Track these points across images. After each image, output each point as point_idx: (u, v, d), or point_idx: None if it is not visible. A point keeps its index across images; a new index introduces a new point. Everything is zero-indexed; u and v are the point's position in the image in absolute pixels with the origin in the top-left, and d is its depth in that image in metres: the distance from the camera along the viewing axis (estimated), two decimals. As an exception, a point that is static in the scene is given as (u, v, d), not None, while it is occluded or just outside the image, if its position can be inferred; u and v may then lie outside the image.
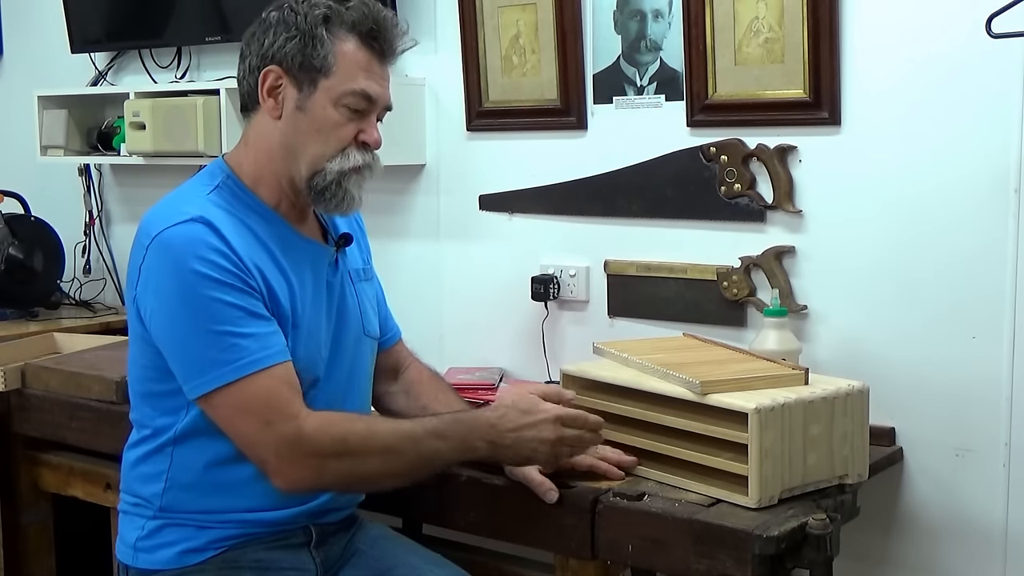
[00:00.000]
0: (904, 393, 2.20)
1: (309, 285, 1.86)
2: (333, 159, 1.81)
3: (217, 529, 1.82)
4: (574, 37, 2.54)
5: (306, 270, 1.86)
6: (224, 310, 1.71)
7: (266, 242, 1.81)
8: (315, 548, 1.89)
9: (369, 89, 1.80)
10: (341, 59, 1.79)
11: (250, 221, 1.81)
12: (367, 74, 1.80)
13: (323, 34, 1.78)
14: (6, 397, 2.68)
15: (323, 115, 1.80)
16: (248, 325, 1.72)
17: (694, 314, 2.44)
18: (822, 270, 2.29)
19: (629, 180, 2.52)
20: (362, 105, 1.81)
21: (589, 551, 1.87)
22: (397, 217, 2.90)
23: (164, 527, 1.84)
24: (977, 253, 2.12)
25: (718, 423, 1.84)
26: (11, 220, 3.34)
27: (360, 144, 1.82)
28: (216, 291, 1.71)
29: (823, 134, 2.26)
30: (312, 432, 1.72)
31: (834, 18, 2.21)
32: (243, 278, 1.74)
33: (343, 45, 1.79)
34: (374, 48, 1.81)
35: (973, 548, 2.17)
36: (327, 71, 1.78)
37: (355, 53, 1.80)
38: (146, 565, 1.85)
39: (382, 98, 1.83)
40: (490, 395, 2.48)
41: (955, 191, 2.13)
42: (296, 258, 1.85)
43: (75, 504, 2.74)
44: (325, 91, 1.79)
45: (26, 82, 3.61)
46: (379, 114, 1.85)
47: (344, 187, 1.82)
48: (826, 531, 1.73)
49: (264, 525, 1.84)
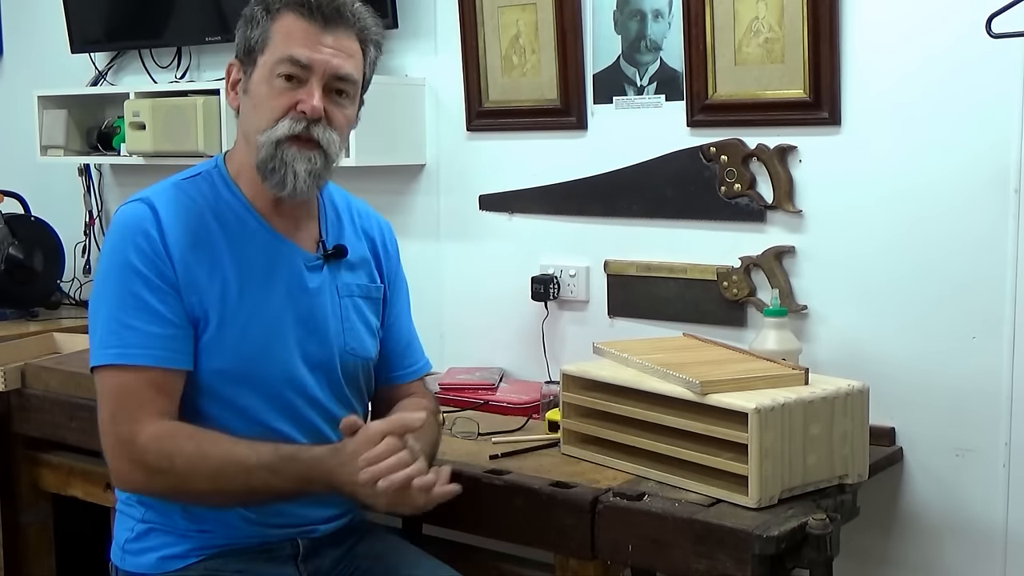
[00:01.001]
0: (904, 393, 2.20)
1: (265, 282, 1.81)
2: (265, 131, 1.76)
3: (198, 537, 1.81)
4: (574, 37, 2.54)
5: (268, 268, 1.81)
6: (125, 296, 1.73)
7: (218, 236, 1.79)
8: (303, 562, 1.86)
9: (298, 54, 1.74)
10: (275, 34, 1.77)
11: (215, 213, 1.80)
12: (300, 41, 1.75)
13: (259, 14, 1.78)
14: (6, 397, 2.68)
15: (259, 91, 1.78)
16: (141, 319, 1.72)
17: (694, 314, 2.44)
18: (822, 270, 2.29)
19: (629, 180, 2.52)
20: (294, 70, 1.74)
21: (589, 551, 1.87)
22: (397, 217, 2.90)
23: (150, 531, 1.83)
24: (977, 253, 2.12)
25: (718, 423, 1.84)
26: (11, 220, 3.34)
27: (298, 113, 1.75)
28: (125, 276, 1.73)
29: (823, 134, 2.26)
30: (144, 442, 1.70)
31: (834, 18, 2.21)
32: (159, 268, 1.74)
33: (279, 21, 1.77)
34: (310, 16, 1.76)
35: (973, 548, 2.17)
36: (263, 48, 1.77)
37: (289, 24, 1.76)
38: (131, 568, 1.84)
39: (319, 63, 1.75)
40: (490, 395, 2.48)
41: (955, 191, 2.13)
42: (256, 255, 1.81)
43: (75, 504, 2.74)
44: (261, 67, 1.77)
45: (26, 82, 3.61)
46: (331, 84, 1.77)
47: (281, 159, 1.75)
48: (826, 531, 1.73)
49: (247, 536, 1.82)
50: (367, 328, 1.94)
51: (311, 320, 1.85)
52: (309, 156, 1.76)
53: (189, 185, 1.82)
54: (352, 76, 1.79)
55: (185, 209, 1.79)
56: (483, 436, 2.23)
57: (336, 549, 1.91)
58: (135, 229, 1.75)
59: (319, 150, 1.77)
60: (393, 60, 2.85)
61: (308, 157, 1.76)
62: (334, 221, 1.94)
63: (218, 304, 1.77)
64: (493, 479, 1.97)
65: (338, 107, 1.79)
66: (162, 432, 1.71)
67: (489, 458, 2.08)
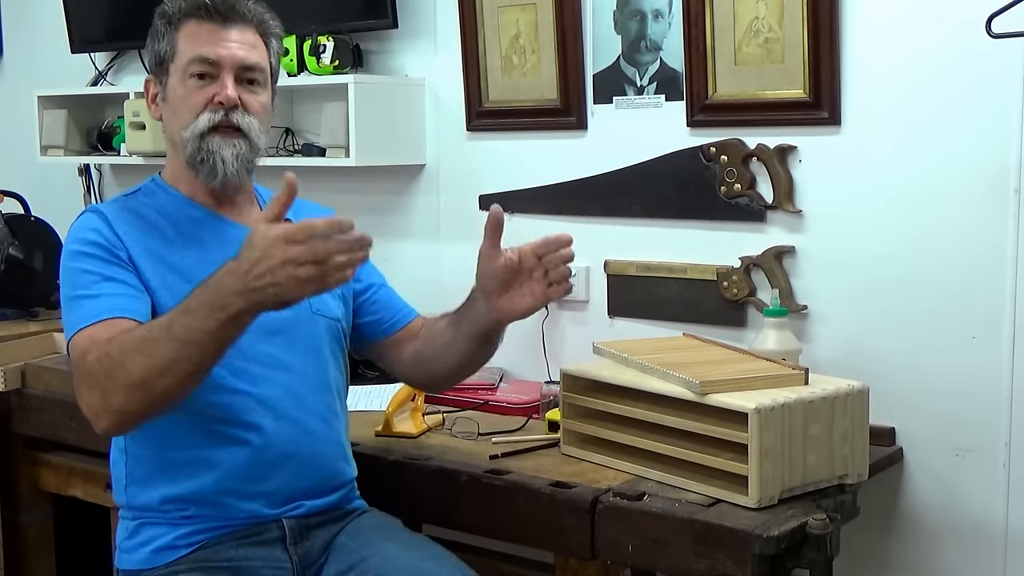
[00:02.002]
0: (904, 393, 2.20)
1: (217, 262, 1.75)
2: (187, 127, 1.86)
3: (185, 525, 1.83)
4: (574, 37, 2.54)
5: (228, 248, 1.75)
6: (81, 277, 1.80)
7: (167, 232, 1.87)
8: (292, 544, 1.87)
9: (205, 52, 1.85)
10: (180, 40, 1.88)
11: (161, 215, 1.89)
12: (205, 41, 1.86)
13: (163, 27, 1.90)
14: (6, 397, 2.68)
15: (175, 94, 1.88)
16: (96, 288, 1.77)
17: (694, 314, 2.44)
18: (822, 270, 2.29)
19: (629, 180, 2.52)
20: (205, 68, 1.85)
21: (589, 551, 1.87)
22: (397, 217, 2.90)
23: (140, 526, 1.86)
24: (977, 253, 2.12)
25: (718, 423, 1.84)
26: (11, 220, 3.33)
27: (215, 105, 1.85)
28: (80, 262, 1.81)
29: (823, 134, 2.26)
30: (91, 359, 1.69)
31: (834, 18, 2.21)
32: (111, 250, 1.81)
33: (182, 29, 1.88)
34: (209, 17, 1.87)
35: (973, 548, 2.17)
36: (172, 56, 1.88)
37: (192, 29, 1.87)
38: (127, 566, 1.87)
39: (226, 58, 1.86)
40: (490, 395, 2.48)
41: (955, 191, 2.13)
42: (210, 240, 1.88)
43: (75, 504, 2.74)
44: (173, 75, 1.89)
45: (26, 82, 3.61)
46: (241, 75, 1.87)
47: (208, 149, 1.85)
48: (826, 531, 1.73)
49: (232, 519, 1.83)
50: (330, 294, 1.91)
51: None
52: (233, 142, 1.86)
53: (131, 199, 1.94)
54: (259, 64, 1.90)
55: (132, 214, 1.89)
56: (483, 436, 2.22)
57: (325, 531, 1.91)
58: (85, 228, 1.85)
59: (241, 135, 1.87)
60: (393, 60, 2.85)
61: (232, 143, 1.86)
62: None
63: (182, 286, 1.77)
64: (493, 479, 1.97)
65: (251, 94, 1.89)
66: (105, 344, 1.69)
67: (489, 458, 2.08)
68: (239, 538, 1.84)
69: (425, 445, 2.18)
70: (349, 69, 2.78)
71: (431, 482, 2.06)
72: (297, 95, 3.00)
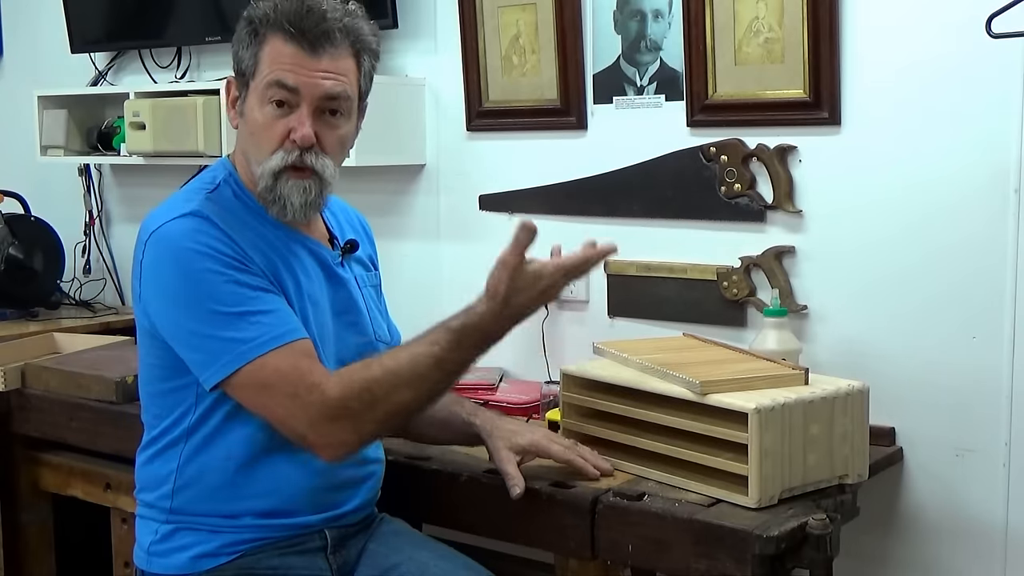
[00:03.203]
0: (904, 393, 2.20)
1: (315, 286, 1.85)
2: (263, 162, 1.78)
3: (230, 533, 1.80)
4: (574, 37, 2.54)
5: (311, 271, 1.86)
6: (231, 290, 1.71)
7: (266, 240, 1.81)
8: (332, 554, 1.86)
9: (284, 78, 1.74)
10: (264, 58, 1.77)
11: (249, 219, 1.81)
12: (287, 65, 1.75)
13: (248, 37, 1.79)
14: (6, 397, 2.68)
15: (253, 117, 1.79)
16: (259, 303, 1.72)
17: (694, 314, 2.44)
18: (822, 270, 2.29)
19: (629, 180, 2.52)
20: (283, 96, 1.75)
21: (589, 551, 1.87)
22: (397, 217, 2.90)
23: (177, 531, 1.82)
24: (977, 253, 2.12)
25: (718, 423, 1.84)
26: (11, 220, 3.34)
27: (291, 143, 1.77)
28: (219, 273, 1.71)
29: (823, 134, 2.26)
30: (337, 395, 1.69)
31: (834, 18, 2.21)
32: (243, 261, 1.74)
33: (267, 44, 1.77)
34: (295, 38, 1.75)
35: (973, 548, 2.17)
36: (254, 72, 1.78)
37: (277, 48, 1.76)
38: (160, 570, 1.83)
39: (308, 87, 1.75)
40: (490, 395, 2.48)
41: (955, 191, 2.13)
42: (299, 258, 1.84)
43: (75, 504, 2.74)
44: (253, 92, 1.79)
45: (26, 82, 3.61)
46: (322, 105, 1.77)
47: (277, 191, 1.78)
48: (826, 531, 1.73)
49: (278, 529, 1.82)
50: (382, 315, 2.02)
51: (352, 317, 1.91)
52: (304, 186, 1.79)
53: (217, 196, 1.82)
54: (344, 93, 1.79)
55: (231, 217, 1.79)
56: (483, 436, 2.22)
57: (359, 539, 1.92)
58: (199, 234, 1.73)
59: (314, 176, 1.79)
60: (393, 60, 2.85)
61: (303, 187, 1.79)
62: (331, 218, 1.99)
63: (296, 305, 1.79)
64: (493, 479, 1.97)
65: (331, 128, 1.80)
66: (341, 379, 1.71)
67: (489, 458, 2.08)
68: (282, 547, 1.82)
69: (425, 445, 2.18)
70: (349, 69, 2.78)
71: (431, 482, 2.06)
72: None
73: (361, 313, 1.93)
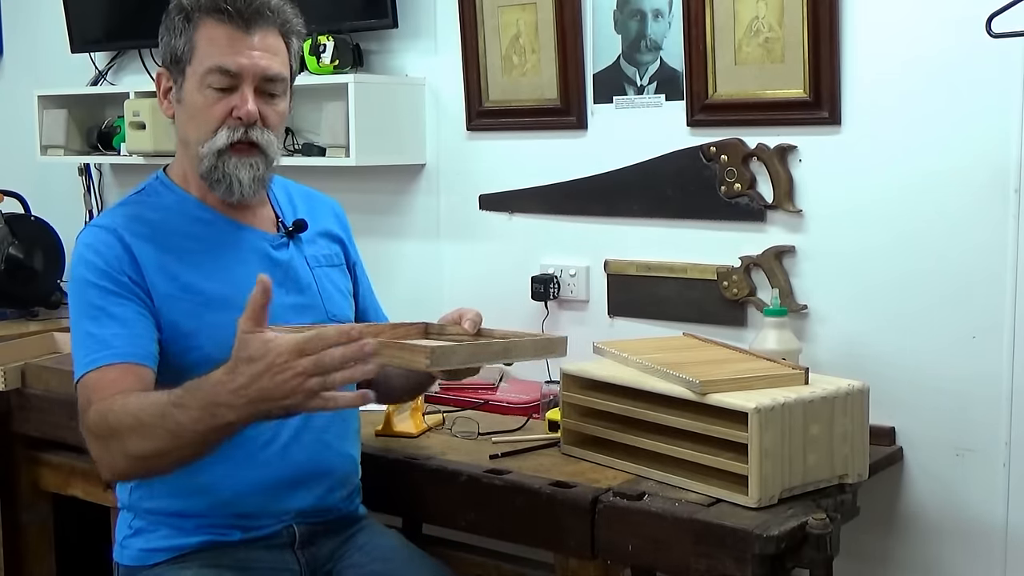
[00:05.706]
0: (904, 393, 2.20)
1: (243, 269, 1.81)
2: (205, 142, 1.80)
3: (195, 528, 1.82)
4: (574, 37, 2.54)
5: (241, 255, 1.84)
6: (88, 309, 1.76)
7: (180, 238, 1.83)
8: (299, 548, 1.87)
9: (225, 63, 1.77)
10: (199, 42, 1.79)
11: (167, 218, 1.84)
12: (225, 49, 1.78)
13: (180, 23, 1.81)
14: (6, 397, 2.68)
15: (192, 101, 1.81)
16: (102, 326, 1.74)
17: (694, 314, 2.44)
18: (822, 270, 2.29)
19: (629, 180, 2.52)
20: (225, 82, 1.78)
21: (589, 551, 1.87)
22: (397, 217, 2.90)
23: (149, 524, 1.85)
24: (977, 253, 2.12)
25: (718, 423, 1.84)
26: (11, 220, 3.34)
27: (234, 120, 1.79)
28: (86, 291, 1.77)
29: (823, 134, 2.26)
30: (91, 420, 1.69)
31: (834, 18, 2.21)
32: (117, 278, 1.77)
33: (200, 28, 1.79)
34: (231, 20, 1.78)
35: (973, 548, 2.17)
36: (189, 58, 1.80)
37: (210, 31, 1.78)
38: (129, 562, 1.86)
39: (248, 69, 1.78)
40: (490, 394, 2.48)
41: (955, 191, 2.13)
42: (222, 245, 1.85)
43: (75, 504, 2.74)
44: (191, 78, 1.80)
45: (26, 82, 3.61)
46: (261, 86, 1.81)
47: (223, 170, 1.80)
48: (826, 531, 1.73)
49: (237, 522, 1.83)
50: (341, 293, 1.99)
51: (296, 295, 1.89)
52: (251, 162, 1.82)
53: (137, 201, 1.88)
54: (281, 74, 1.83)
55: (143, 223, 1.83)
56: (483, 436, 2.22)
57: (333, 538, 1.91)
58: (91, 249, 1.80)
59: (259, 153, 1.83)
60: (393, 60, 2.85)
61: (250, 163, 1.82)
62: (286, 202, 2.00)
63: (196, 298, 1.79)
64: (493, 479, 1.97)
65: (271, 106, 1.83)
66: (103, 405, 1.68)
67: (489, 458, 2.08)
68: (248, 541, 1.84)
69: (425, 445, 2.18)
70: (349, 69, 2.78)
71: (431, 482, 2.06)
72: (297, 95, 2.94)
73: (311, 293, 1.92)
